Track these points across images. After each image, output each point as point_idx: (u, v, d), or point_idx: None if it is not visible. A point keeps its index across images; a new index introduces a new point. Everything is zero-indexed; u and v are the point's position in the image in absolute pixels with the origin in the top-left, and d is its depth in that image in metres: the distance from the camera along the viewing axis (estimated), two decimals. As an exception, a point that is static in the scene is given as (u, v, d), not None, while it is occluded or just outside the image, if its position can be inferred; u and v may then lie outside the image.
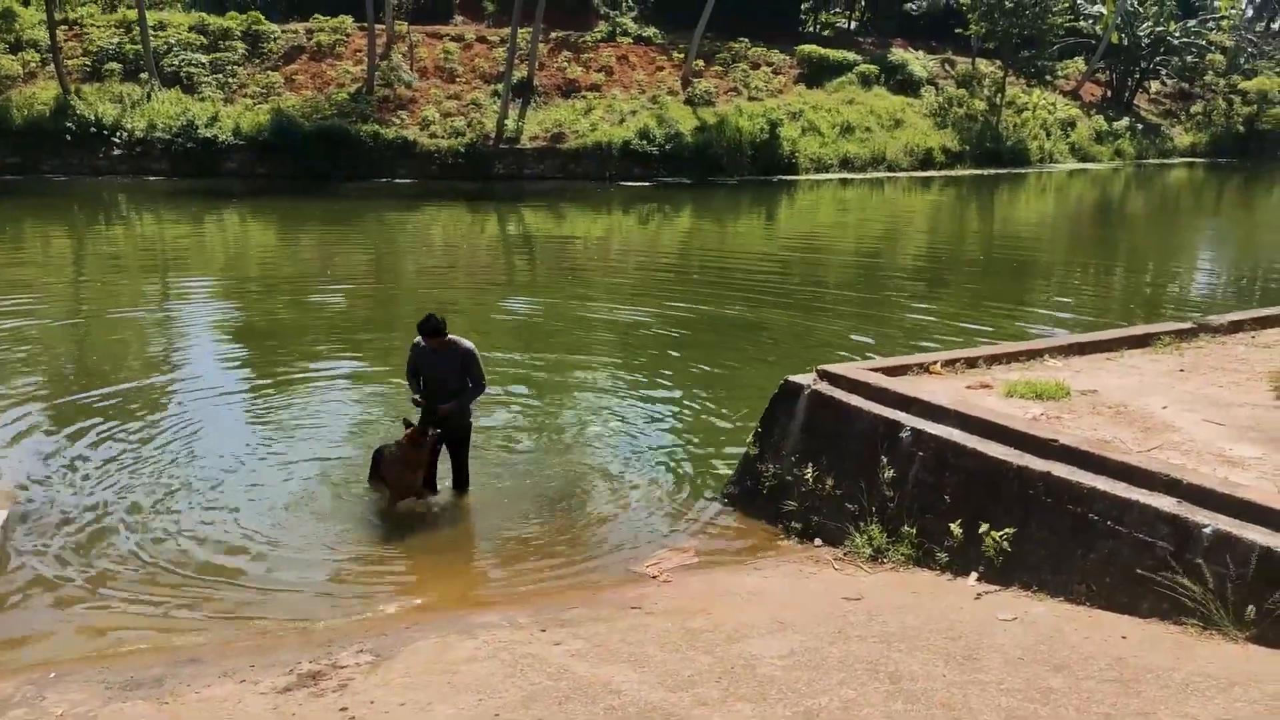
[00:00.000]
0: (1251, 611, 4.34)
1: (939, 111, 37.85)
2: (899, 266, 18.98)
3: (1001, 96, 39.02)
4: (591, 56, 34.32)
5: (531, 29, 31.92)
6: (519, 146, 30.14)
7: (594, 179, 29.71)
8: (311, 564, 6.12)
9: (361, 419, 8.99)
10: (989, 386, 6.63)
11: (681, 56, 35.17)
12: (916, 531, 5.69)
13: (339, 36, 32.64)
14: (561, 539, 6.50)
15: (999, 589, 5.20)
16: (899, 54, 39.73)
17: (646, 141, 30.32)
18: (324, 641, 4.85)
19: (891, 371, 6.78)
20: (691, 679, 4.20)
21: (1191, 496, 4.77)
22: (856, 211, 28.00)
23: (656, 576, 5.85)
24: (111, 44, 30.30)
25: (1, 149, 26.89)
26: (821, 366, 6.78)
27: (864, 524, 5.93)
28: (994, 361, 7.29)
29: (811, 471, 6.35)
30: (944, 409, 5.90)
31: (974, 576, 5.35)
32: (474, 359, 6.85)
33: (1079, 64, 46.27)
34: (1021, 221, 27.51)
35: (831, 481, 6.24)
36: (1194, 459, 5.35)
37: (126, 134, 27.63)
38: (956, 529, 5.44)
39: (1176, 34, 45.65)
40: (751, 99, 34.35)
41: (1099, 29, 44.15)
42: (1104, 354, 7.67)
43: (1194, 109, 48.54)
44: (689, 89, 33.91)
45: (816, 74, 37.12)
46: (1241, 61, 49.65)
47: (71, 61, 29.55)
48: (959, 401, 6.04)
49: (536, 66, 32.64)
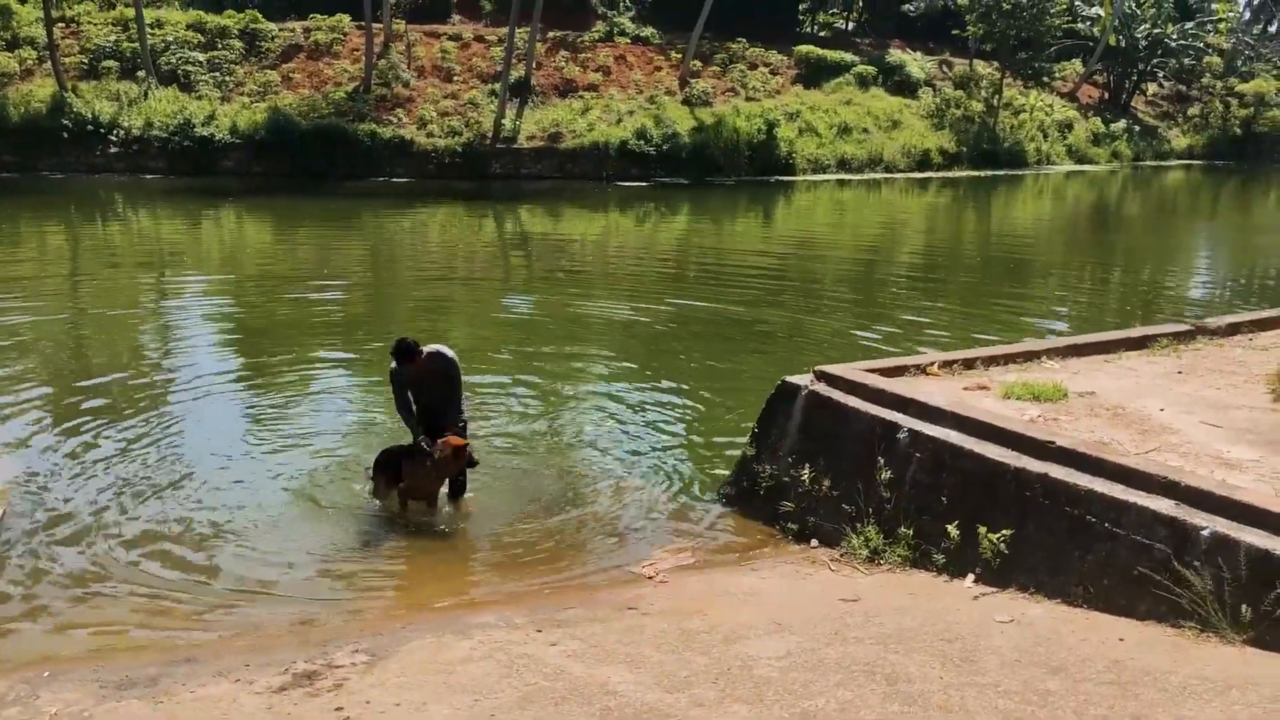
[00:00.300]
0: (1249, 614, 4.34)
1: (936, 113, 37.86)
2: (896, 267, 19.00)
3: (999, 98, 39.05)
4: (589, 56, 34.30)
5: (529, 28, 31.89)
6: (516, 146, 30.12)
7: (591, 179, 29.68)
8: (308, 563, 6.09)
9: (357, 418, 8.97)
10: (986, 388, 6.63)
11: (679, 56, 35.17)
12: (914, 533, 5.68)
13: (336, 35, 32.60)
14: (558, 539, 6.49)
15: (996, 591, 5.19)
16: (896, 55, 39.74)
17: (644, 142, 30.30)
18: (319, 641, 4.83)
19: (889, 372, 6.77)
20: (688, 680, 4.19)
21: (1189, 499, 4.76)
22: (854, 212, 28.02)
23: (653, 577, 5.84)
24: (109, 42, 30.23)
25: (-2, 147, 26.86)
26: (819, 367, 6.77)
27: (861, 525, 5.91)
28: (991, 363, 7.28)
29: (808, 472, 6.34)
30: (941, 410, 5.89)
31: (971, 578, 5.34)
32: (457, 368, 6.73)
33: (1076, 66, 46.32)
34: (1019, 223, 27.53)
35: (828, 482, 6.23)
36: (1192, 461, 5.35)
37: (123, 132, 27.55)
38: (954, 530, 5.43)
39: (1174, 36, 45.70)
40: (749, 99, 34.35)
41: (1096, 31, 44.19)
42: (1101, 356, 7.67)
43: (1191, 111, 48.63)
44: (686, 89, 33.90)
45: (814, 75, 37.12)
46: (1239, 64, 49.74)
47: (68, 59, 29.48)
48: (956, 403, 6.04)
49: (534, 66, 32.62)
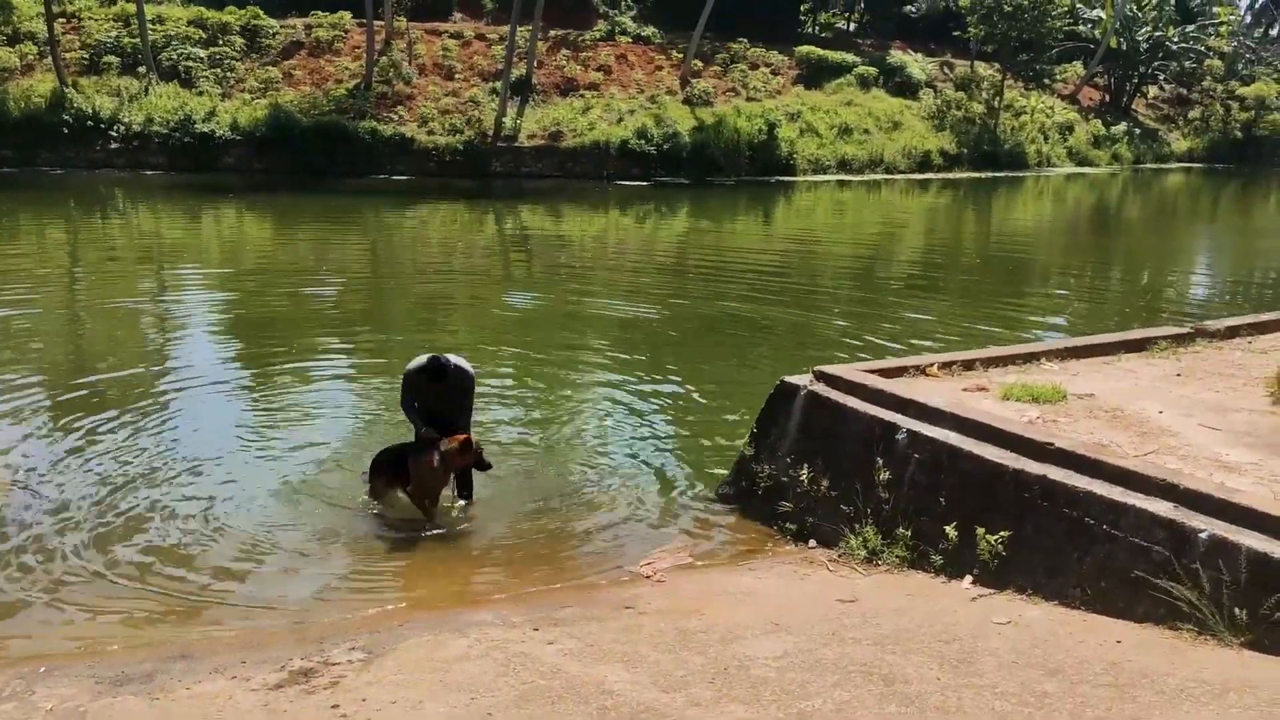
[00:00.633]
0: (1247, 617, 4.33)
1: (937, 114, 37.88)
2: (896, 268, 19.00)
3: (1000, 100, 39.07)
4: (590, 55, 34.29)
5: (530, 27, 31.88)
6: (517, 145, 30.13)
7: (591, 178, 29.69)
8: (305, 560, 6.08)
9: (356, 415, 8.95)
10: (985, 389, 6.62)
11: (680, 56, 35.17)
12: (912, 534, 5.68)
13: (338, 32, 32.59)
14: (555, 538, 6.48)
15: (994, 592, 5.18)
16: (898, 56, 39.76)
17: (644, 141, 30.31)
18: (316, 638, 4.82)
19: (888, 373, 6.77)
20: (685, 679, 4.18)
21: (1188, 501, 4.76)
22: (854, 213, 28.02)
23: (650, 576, 5.83)
24: (109, 37, 30.23)
25: (-2, 142, 26.84)
26: (818, 367, 6.76)
27: (859, 526, 5.91)
28: (991, 364, 7.27)
29: (807, 472, 6.33)
30: (940, 411, 5.88)
31: (969, 579, 5.33)
32: (473, 384, 6.70)
33: (1077, 68, 46.35)
34: (1019, 224, 27.54)
35: (827, 483, 6.22)
36: (1190, 464, 5.34)
37: (124, 128, 27.57)
38: (952, 531, 5.43)
39: (1175, 39, 45.74)
40: (750, 99, 34.36)
41: (1098, 33, 44.19)
42: (1101, 358, 7.66)
43: (1192, 114, 48.68)
44: (687, 89, 33.90)
45: (815, 75, 37.14)
46: (1239, 67, 49.78)
47: (69, 54, 29.48)
48: (955, 404, 6.03)
49: (535, 65, 32.61)
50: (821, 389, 6.55)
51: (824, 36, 43.11)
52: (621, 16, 37.48)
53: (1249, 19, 57.78)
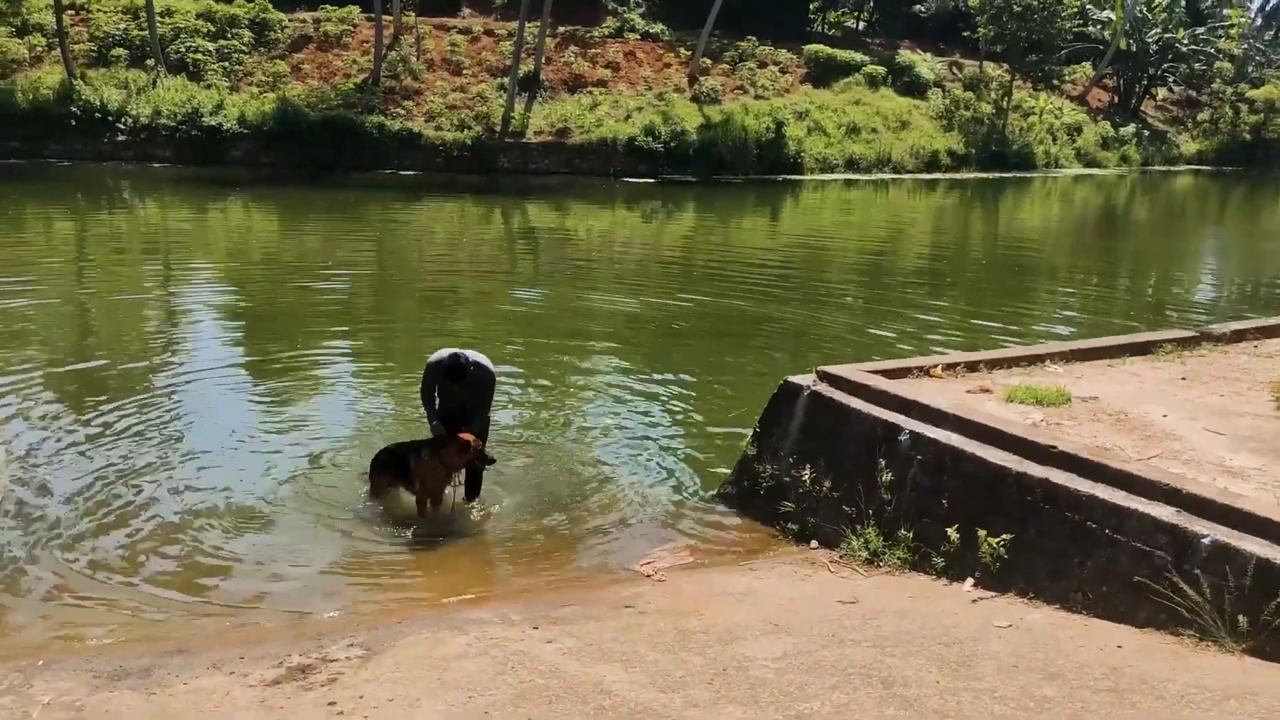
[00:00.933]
0: (1248, 624, 4.31)
1: (945, 114, 37.78)
2: (902, 268, 18.96)
3: (1008, 100, 38.94)
4: (598, 52, 34.25)
5: (539, 23, 31.86)
6: (524, 141, 30.10)
7: (598, 175, 29.66)
8: (304, 556, 6.08)
9: (359, 411, 8.95)
10: (989, 391, 6.60)
11: (688, 54, 35.12)
12: (913, 535, 5.66)
13: (346, 27, 32.59)
14: (556, 535, 6.47)
15: (995, 595, 5.16)
16: (906, 55, 39.66)
17: (651, 138, 30.25)
18: (314, 635, 4.81)
19: (891, 374, 6.74)
20: (683, 680, 4.17)
21: (1190, 506, 4.73)
22: (861, 212, 27.96)
23: (651, 576, 5.82)
24: (118, 29, 30.24)
25: (6, 133, 26.78)
26: (821, 368, 6.74)
27: (861, 527, 5.89)
28: (995, 366, 7.25)
29: (809, 473, 6.31)
30: (943, 413, 5.86)
31: (970, 582, 5.31)
32: (493, 382, 6.69)
33: (1087, 69, 46.17)
34: (1026, 225, 27.47)
35: (829, 483, 6.20)
36: (1194, 468, 5.31)
37: (131, 120, 27.57)
38: (953, 534, 5.41)
39: (1185, 41, 45.53)
40: (758, 98, 34.29)
41: (1107, 34, 44.04)
42: (1105, 360, 7.63)
43: (1201, 116, 48.48)
44: (695, 86, 33.84)
45: (823, 74, 37.06)
46: (1249, 70, 49.57)
47: (77, 46, 29.49)
48: (959, 406, 6.00)
49: (543, 61, 32.58)
50: (824, 389, 6.53)
51: (833, 35, 43.00)
52: (630, 13, 37.42)
53: (1259, 21, 57.55)
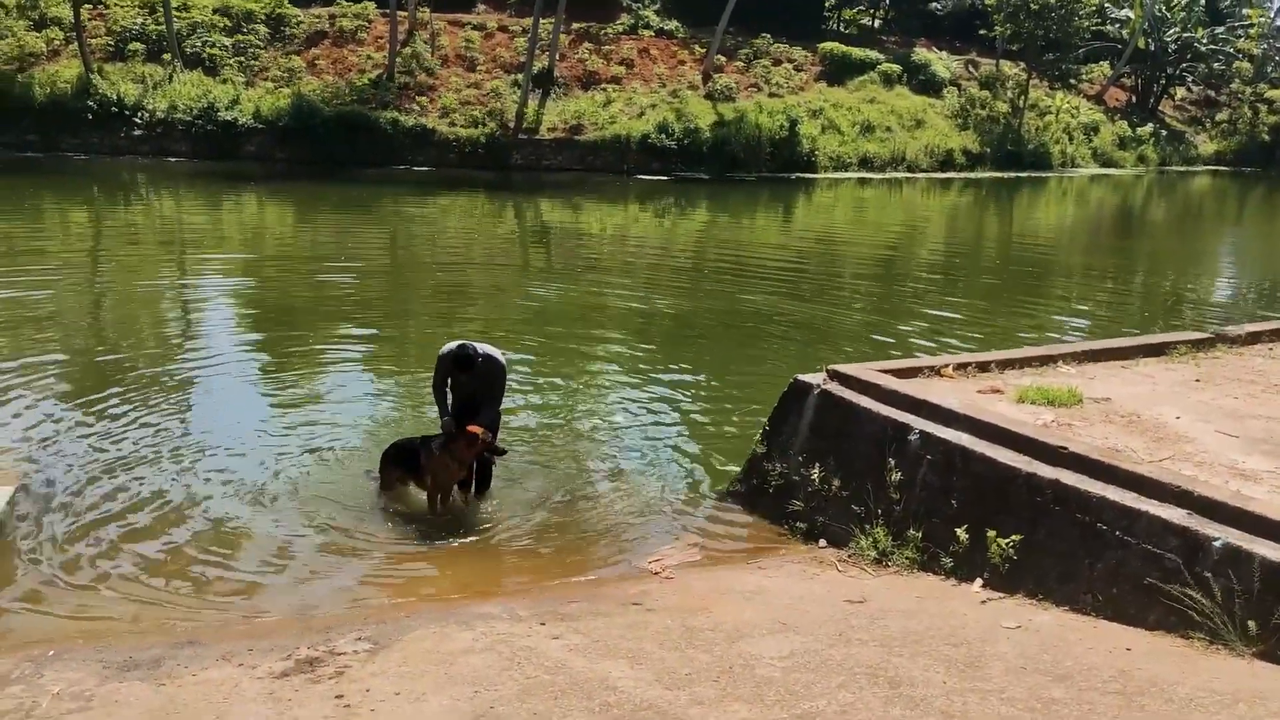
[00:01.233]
0: (1259, 627, 4.28)
1: (961, 113, 37.61)
2: (915, 267, 18.89)
3: (1024, 99, 38.74)
4: (613, 49, 34.23)
5: (553, 19, 31.86)
6: (538, 137, 30.12)
7: (611, 172, 29.65)
8: (314, 550, 6.10)
9: (370, 405, 8.98)
10: (1000, 391, 6.57)
11: (703, 51, 35.06)
12: (922, 535, 5.64)
13: (361, 22, 32.68)
14: (564, 532, 6.48)
15: (1004, 596, 5.14)
16: (922, 54, 39.49)
17: (665, 136, 30.22)
18: (322, 628, 4.83)
19: (902, 373, 6.72)
20: (689, 677, 4.17)
21: (1202, 509, 4.70)
22: (874, 211, 27.88)
23: (659, 573, 5.82)
24: (135, 24, 30.40)
25: (23, 126, 27.02)
26: (831, 366, 6.73)
27: (869, 526, 5.88)
28: (1007, 366, 7.22)
29: (818, 472, 6.30)
30: (954, 413, 5.84)
31: (979, 583, 5.29)
32: (504, 374, 6.71)
33: (1104, 68, 45.86)
34: (1041, 225, 27.34)
35: (838, 482, 6.19)
36: (1206, 471, 5.28)
37: (148, 115, 27.72)
38: (962, 534, 5.39)
39: (1204, 41, 45.21)
40: (772, 95, 34.21)
41: (1125, 33, 43.75)
42: (1119, 362, 7.59)
43: (1219, 117, 48.12)
44: (709, 84, 33.79)
45: (838, 72, 36.94)
46: (1269, 70, 49.16)
47: (95, 41, 29.65)
48: (969, 406, 5.98)
49: (557, 57, 32.58)
50: (834, 388, 6.51)
51: (848, 33, 42.84)
52: (645, 10, 37.37)
53: (1279, 22, 57.10)
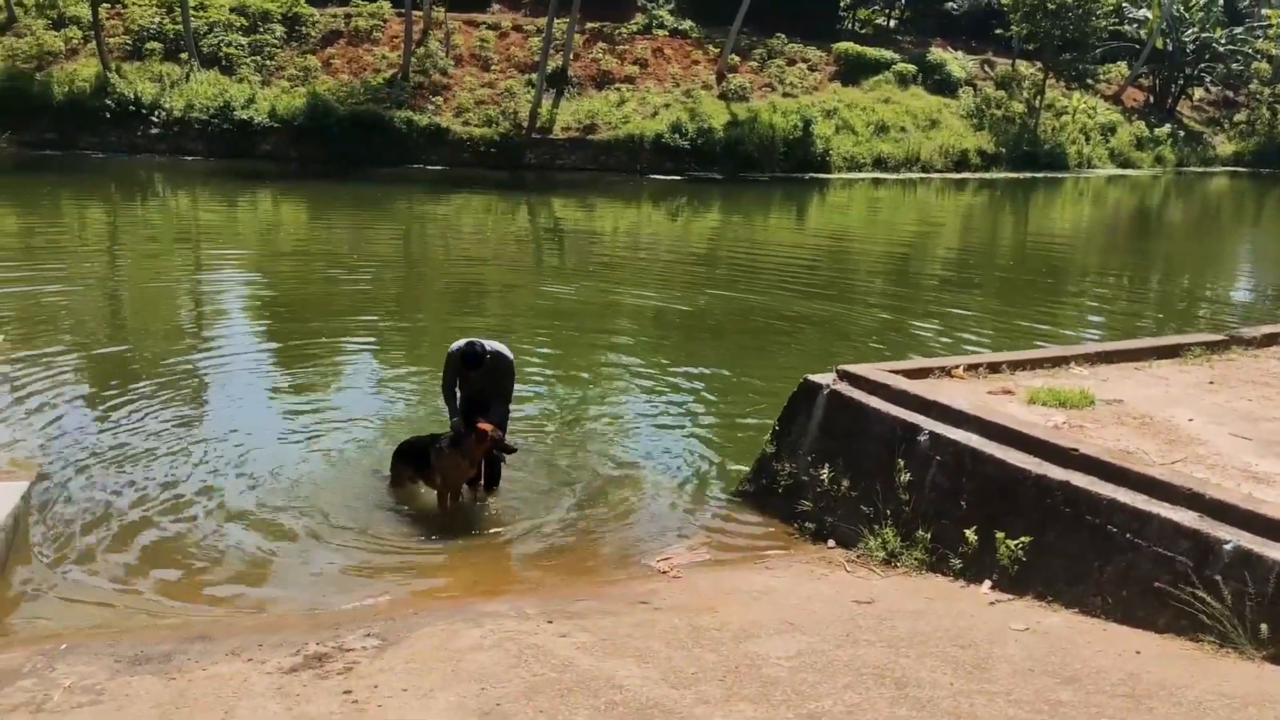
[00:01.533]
0: (1269, 631, 4.26)
1: (976, 113, 37.42)
2: (928, 267, 18.84)
3: (1040, 99, 38.54)
4: (627, 48, 34.22)
5: (568, 19, 31.88)
6: (551, 137, 30.14)
7: (625, 171, 29.64)
8: (324, 546, 6.13)
9: (382, 402, 9.02)
10: (1011, 392, 6.55)
11: (717, 51, 35.02)
12: (931, 536, 5.63)
13: (376, 22, 32.77)
14: (573, 530, 6.49)
15: (1013, 598, 5.13)
16: (938, 54, 39.32)
17: (679, 135, 30.19)
18: (331, 624, 4.86)
19: (912, 374, 6.70)
20: (695, 676, 4.17)
21: (1213, 511, 4.67)
22: (889, 211, 27.79)
23: (667, 572, 5.82)
24: (153, 23, 30.57)
25: (42, 125, 27.22)
26: (841, 366, 6.71)
27: (878, 527, 5.87)
28: (1018, 367, 7.19)
29: (827, 472, 6.29)
30: (964, 414, 5.82)
31: (988, 584, 5.28)
32: (513, 370, 6.72)
33: (1122, 68, 45.54)
34: (1056, 226, 27.20)
35: (847, 483, 6.18)
36: (1218, 473, 5.25)
37: (165, 113, 27.87)
38: (972, 535, 5.37)
39: (1222, 41, 44.87)
40: (786, 95, 34.12)
41: (1143, 34, 43.45)
42: (1132, 363, 7.54)
43: (1238, 117, 47.72)
44: (723, 84, 33.75)
45: (853, 72, 36.81)
46: (1288, 70, 48.75)
47: (113, 40, 29.84)
48: (979, 407, 5.96)
49: (571, 57, 32.60)
50: (844, 388, 6.50)
51: (863, 33, 42.70)
52: (659, 10, 37.33)
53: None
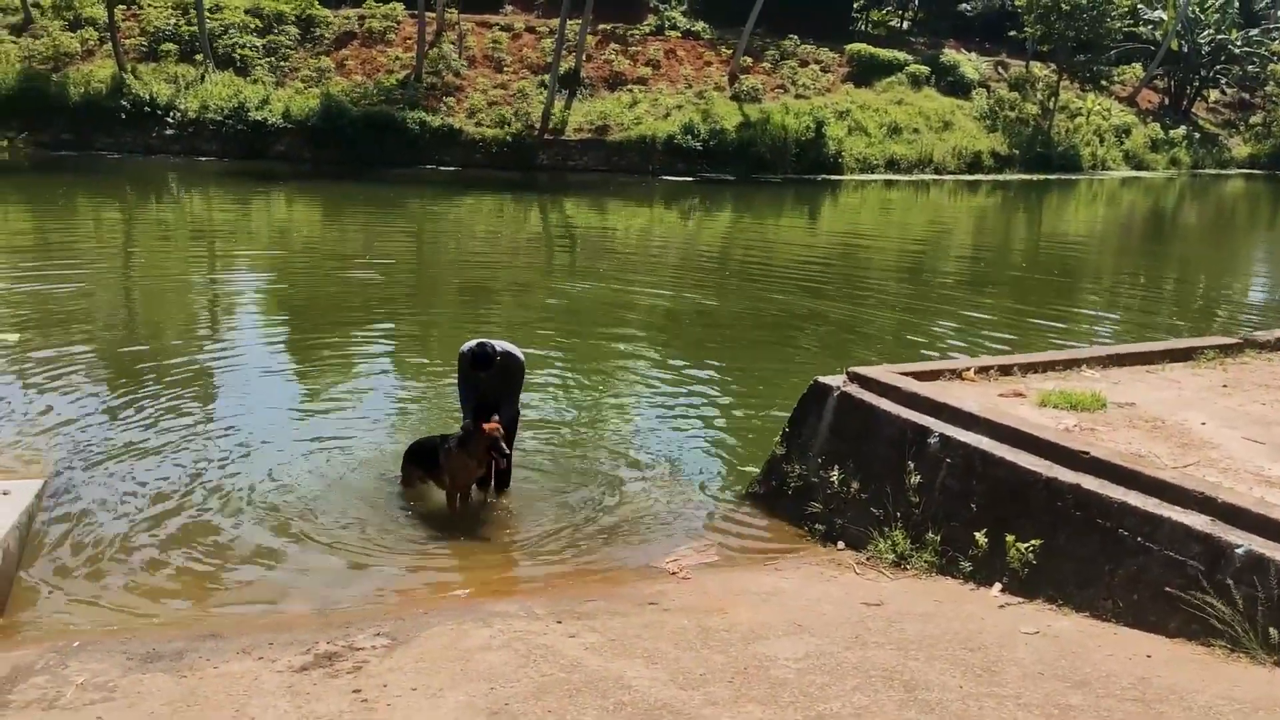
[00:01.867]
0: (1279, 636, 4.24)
1: (989, 114, 37.33)
2: (941, 269, 18.79)
3: (1055, 101, 38.41)
4: (639, 50, 34.27)
5: (580, 20, 31.93)
6: (564, 138, 30.20)
7: (637, 172, 29.68)
8: (333, 546, 6.15)
9: (394, 401, 9.05)
10: (1022, 395, 6.52)
11: (729, 52, 35.03)
12: (941, 539, 5.61)
13: (390, 23, 32.93)
14: (582, 530, 6.49)
15: (1023, 601, 5.11)
16: (951, 55, 39.24)
17: (690, 136, 30.21)
18: (341, 624, 4.88)
19: (923, 376, 6.69)
20: (704, 678, 4.18)
21: (1225, 515, 4.65)
22: (901, 212, 27.74)
23: (676, 573, 5.82)
24: (168, 25, 30.80)
25: (58, 125, 27.47)
26: (851, 368, 6.70)
27: (888, 529, 5.86)
28: (1029, 370, 7.16)
29: (837, 474, 6.29)
30: (974, 416, 5.81)
31: (998, 587, 5.26)
32: (523, 371, 6.74)
33: (1137, 70, 45.37)
34: (1070, 228, 27.10)
35: (857, 485, 6.18)
36: (1231, 477, 5.22)
37: (179, 114, 28.06)
38: (982, 538, 5.36)
39: (1238, 42, 44.65)
40: (798, 97, 34.12)
41: (1158, 35, 43.28)
42: (1144, 366, 7.50)
43: (1253, 120, 47.48)
44: (735, 85, 33.75)
45: (865, 73, 36.78)
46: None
47: (128, 41, 30.08)
48: (990, 409, 5.95)
49: (584, 58, 32.66)
50: (854, 390, 6.49)
51: (876, 34, 42.63)
52: (672, 11, 37.37)
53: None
